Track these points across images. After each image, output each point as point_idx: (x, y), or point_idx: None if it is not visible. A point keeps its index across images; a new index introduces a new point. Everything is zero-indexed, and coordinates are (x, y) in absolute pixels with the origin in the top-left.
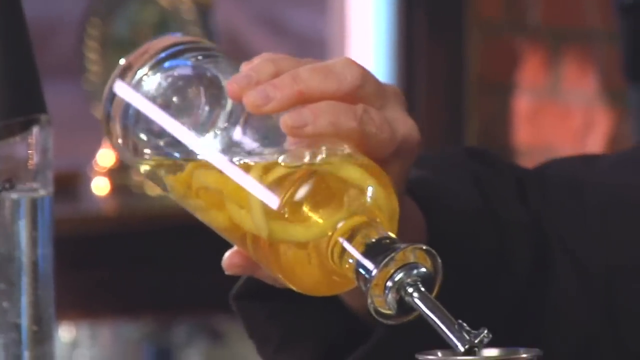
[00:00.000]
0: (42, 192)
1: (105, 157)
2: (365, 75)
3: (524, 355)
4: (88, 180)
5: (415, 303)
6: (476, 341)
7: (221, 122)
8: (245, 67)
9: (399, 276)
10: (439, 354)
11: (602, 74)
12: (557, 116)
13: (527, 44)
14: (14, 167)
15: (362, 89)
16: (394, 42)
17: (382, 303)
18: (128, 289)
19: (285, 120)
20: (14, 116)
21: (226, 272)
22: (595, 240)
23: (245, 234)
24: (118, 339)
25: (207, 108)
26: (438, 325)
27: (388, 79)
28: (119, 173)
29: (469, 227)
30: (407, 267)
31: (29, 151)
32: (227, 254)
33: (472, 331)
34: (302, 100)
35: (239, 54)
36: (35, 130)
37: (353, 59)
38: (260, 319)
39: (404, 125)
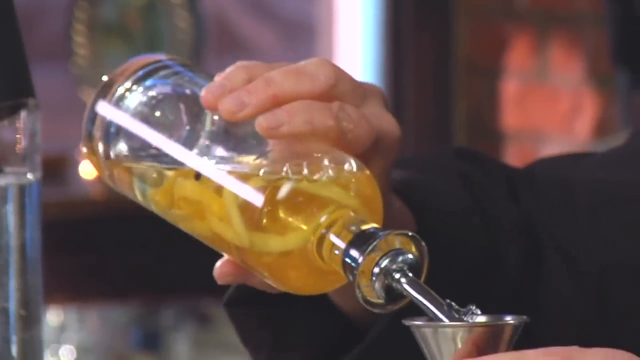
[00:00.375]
0: (30, 177)
1: None
2: (339, 73)
3: (511, 322)
4: (76, 164)
5: (403, 287)
6: (465, 318)
7: (202, 135)
8: (218, 77)
9: (384, 262)
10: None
11: (589, 58)
12: (545, 100)
13: (515, 28)
14: (2, 151)
15: (336, 88)
16: (382, 27)
17: (371, 291)
18: (116, 272)
19: (261, 122)
20: (1, 100)
21: (219, 282)
22: (586, 238)
23: (230, 244)
24: (106, 322)
25: (187, 123)
26: (427, 307)
27: (376, 64)
28: None
29: (459, 226)
30: (393, 253)
31: (17, 135)
32: (218, 263)
33: (461, 309)
34: (277, 103)
35: (227, 38)
36: (23, 114)
37: (326, 59)
38: (253, 325)
39: (382, 120)
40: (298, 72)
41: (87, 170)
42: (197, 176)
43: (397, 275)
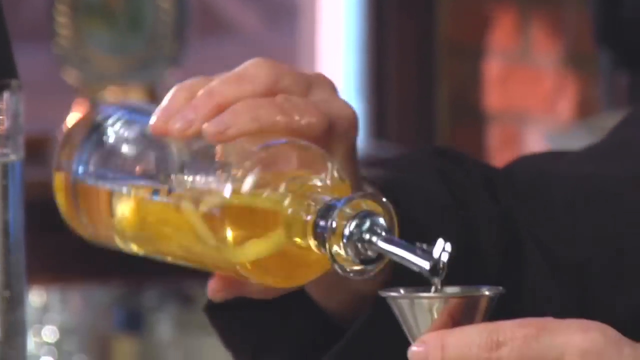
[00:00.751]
0: (12, 157)
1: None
2: (279, 69)
3: (487, 293)
4: (58, 145)
5: (377, 245)
6: (438, 255)
7: (168, 162)
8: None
9: (353, 225)
10: (402, 290)
11: (572, 38)
12: (528, 80)
13: (497, 8)
14: None
15: (279, 84)
16: (364, 7)
17: (344, 257)
18: (99, 253)
19: (207, 129)
20: None
21: (213, 301)
22: (566, 233)
23: (208, 259)
24: (89, 303)
25: (152, 156)
26: (403, 258)
27: (359, 44)
28: None
29: (438, 223)
30: (361, 215)
31: (0, 116)
32: (209, 283)
33: (432, 248)
34: (222, 112)
35: (210, 19)
36: (6, 95)
37: (264, 58)
38: (235, 328)
39: (331, 105)
40: (237, 77)
41: None
42: (166, 196)
43: (367, 236)
